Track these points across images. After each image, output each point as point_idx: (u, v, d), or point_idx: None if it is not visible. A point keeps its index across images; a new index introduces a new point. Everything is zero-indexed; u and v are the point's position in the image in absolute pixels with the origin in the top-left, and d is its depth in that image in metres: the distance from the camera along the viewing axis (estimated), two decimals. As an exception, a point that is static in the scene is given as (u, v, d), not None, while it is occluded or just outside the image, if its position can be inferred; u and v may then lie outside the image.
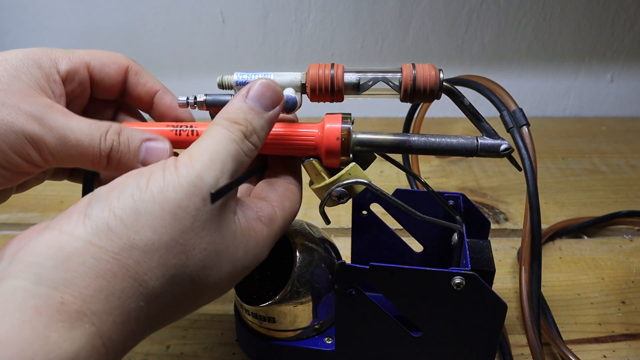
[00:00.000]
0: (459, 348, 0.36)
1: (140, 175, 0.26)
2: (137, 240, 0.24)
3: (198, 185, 0.25)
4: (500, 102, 0.35)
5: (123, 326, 0.24)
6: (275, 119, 0.31)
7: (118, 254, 0.24)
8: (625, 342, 0.45)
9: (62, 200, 0.67)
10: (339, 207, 0.35)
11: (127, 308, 0.24)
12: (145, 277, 0.24)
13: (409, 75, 0.32)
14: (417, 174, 0.42)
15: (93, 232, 0.24)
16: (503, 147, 0.32)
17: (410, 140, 0.33)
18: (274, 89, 0.30)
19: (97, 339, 0.23)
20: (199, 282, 0.26)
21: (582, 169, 0.74)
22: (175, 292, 0.26)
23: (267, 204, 0.31)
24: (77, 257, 0.23)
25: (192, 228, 0.25)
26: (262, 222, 0.30)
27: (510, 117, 0.34)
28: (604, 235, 0.59)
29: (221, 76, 0.33)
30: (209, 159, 0.26)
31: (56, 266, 0.23)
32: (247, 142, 0.28)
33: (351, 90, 0.33)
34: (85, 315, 0.22)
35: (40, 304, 0.22)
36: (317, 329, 0.39)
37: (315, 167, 0.33)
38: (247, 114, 0.29)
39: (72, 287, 0.22)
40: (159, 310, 0.25)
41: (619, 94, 0.92)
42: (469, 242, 0.37)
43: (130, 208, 0.24)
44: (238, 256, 0.28)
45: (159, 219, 0.24)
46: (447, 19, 0.85)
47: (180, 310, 0.27)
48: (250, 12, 0.84)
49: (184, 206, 0.25)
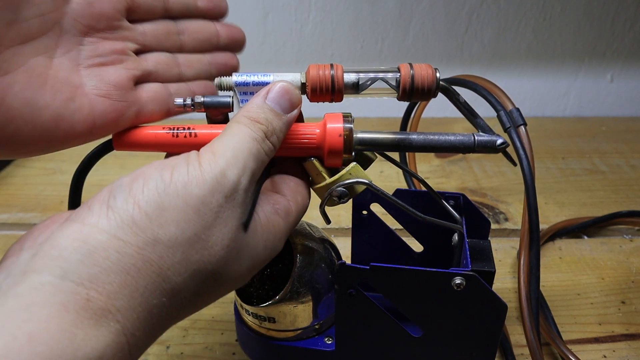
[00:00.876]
0: (459, 348, 0.36)
1: (163, 168, 0.26)
2: (161, 234, 0.24)
3: (221, 182, 0.26)
4: (497, 102, 0.35)
5: (145, 322, 0.24)
6: (293, 122, 0.31)
7: (142, 248, 0.24)
8: (625, 342, 0.45)
9: (62, 200, 0.67)
10: (339, 207, 0.35)
11: (150, 304, 0.24)
12: (169, 272, 0.24)
13: (407, 74, 0.32)
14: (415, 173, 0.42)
15: (117, 225, 0.23)
16: (499, 142, 0.33)
17: (410, 138, 0.33)
18: (294, 91, 0.30)
19: (122, 336, 0.23)
20: (219, 277, 0.27)
21: (582, 169, 0.74)
22: (196, 287, 0.26)
23: (282, 197, 0.31)
24: (102, 251, 0.23)
25: (214, 224, 0.25)
26: (279, 216, 0.30)
27: (507, 117, 0.34)
28: (604, 235, 0.59)
29: (219, 78, 0.33)
30: (232, 155, 0.26)
31: (81, 260, 0.22)
32: (268, 142, 0.29)
33: (350, 89, 0.33)
34: (110, 312, 0.22)
35: (66, 300, 0.21)
36: (317, 329, 0.39)
37: (316, 167, 0.33)
38: (267, 114, 0.29)
39: (97, 282, 0.22)
40: (180, 305, 0.26)
41: (619, 94, 0.92)
42: (469, 242, 0.37)
43: (155, 202, 0.24)
44: (258, 251, 0.28)
45: (182, 214, 0.24)
46: (447, 19, 0.85)
47: (199, 305, 0.27)
48: (250, 12, 0.84)
49: (207, 202, 0.25)
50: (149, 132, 0.32)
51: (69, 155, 0.33)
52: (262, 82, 0.32)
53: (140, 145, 0.32)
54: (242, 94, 0.32)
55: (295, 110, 0.31)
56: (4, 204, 0.67)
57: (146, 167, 0.26)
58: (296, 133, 0.32)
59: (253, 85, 0.32)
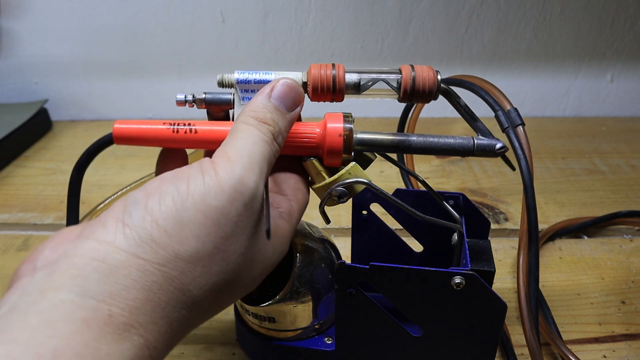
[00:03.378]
0: (459, 348, 0.36)
1: (178, 180, 0.25)
2: (181, 250, 0.24)
3: (240, 190, 0.25)
4: (495, 102, 0.35)
5: (166, 335, 0.24)
6: (295, 119, 0.31)
7: (164, 265, 0.23)
8: (625, 342, 0.45)
9: (62, 200, 0.67)
10: (339, 207, 0.35)
11: (171, 317, 0.24)
12: (190, 286, 0.24)
13: (409, 76, 0.32)
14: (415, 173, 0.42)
15: (136, 244, 0.23)
16: (498, 146, 0.33)
17: (410, 140, 0.33)
18: (297, 89, 0.30)
19: (145, 350, 0.23)
20: (233, 285, 0.26)
21: (582, 169, 0.74)
22: (214, 297, 0.26)
23: (284, 198, 0.31)
24: (122, 269, 0.23)
25: (233, 234, 0.25)
26: (283, 219, 0.30)
27: (505, 117, 0.34)
28: (604, 235, 0.59)
29: (221, 74, 0.32)
30: (249, 161, 0.26)
31: (100, 279, 0.22)
32: (275, 143, 0.28)
33: (351, 90, 0.33)
34: (133, 327, 0.22)
35: (88, 316, 0.21)
36: (317, 329, 0.39)
37: (316, 167, 0.33)
38: (273, 114, 0.29)
39: (119, 299, 0.22)
40: (197, 315, 0.26)
41: (619, 94, 0.92)
42: (469, 242, 0.37)
43: (173, 218, 0.24)
44: (267, 256, 0.28)
45: (202, 227, 0.24)
46: (447, 19, 0.85)
47: (214, 312, 0.27)
48: (250, 12, 0.84)
49: (226, 213, 0.25)
50: (149, 127, 0.31)
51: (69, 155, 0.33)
52: (263, 80, 0.32)
53: (140, 139, 0.31)
54: (244, 92, 0.32)
55: (298, 108, 0.30)
56: (4, 204, 0.67)
57: (160, 180, 0.25)
58: (297, 132, 0.32)
59: (255, 83, 0.32)
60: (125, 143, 0.32)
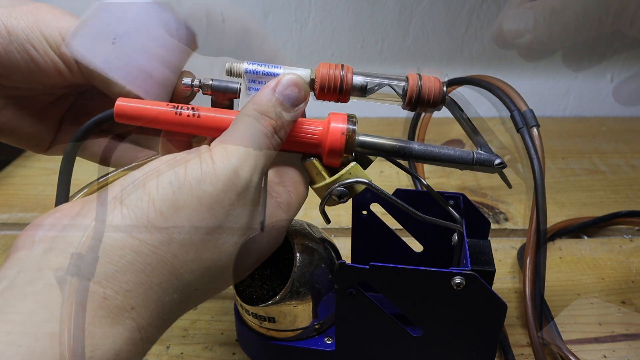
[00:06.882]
0: (459, 348, 0.36)
1: (176, 163, 0.26)
2: (175, 234, 0.24)
3: (234, 180, 0.26)
4: (512, 102, 0.35)
5: (158, 318, 0.24)
6: (299, 116, 0.31)
7: (158, 247, 0.24)
8: (625, 342, 0.45)
9: (62, 200, 0.67)
10: (339, 207, 0.35)
11: (162, 301, 0.24)
12: (181, 270, 0.25)
13: (415, 84, 0.33)
14: (418, 174, 0.42)
15: (132, 223, 0.24)
16: (497, 161, 0.33)
17: (411, 147, 0.33)
18: (302, 85, 0.30)
19: (137, 332, 0.23)
20: (227, 272, 0.27)
21: (582, 169, 0.74)
22: (206, 283, 0.26)
23: (284, 189, 0.32)
24: (117, 249, 0.23)
25: (226, 222, 0.26)
26: (281, 209, 0.30)
27: (520, 117, 0.35)
28: (604, 235, 0.59)
29: (230, 63, 0.32)
30: (245, 153, 0.27)
31: (96, 259, 0.23)
32: (276, 137, 0.29)
33: (357, 92, 0.33)
34: (126, 310, 0.23)
35: (83, 299, 0.22)
36: (317, 329, 0.39)
37: (316, 166, 0.33)
38: (277, 108, 0.29)
39: (114, 281, 0.23)
40: (189, 299, 0.26)
41: (619, 94, 0.92)
42: (469, 242, 0.37)
43: (169, 200, 0.24)
44: (262, 245, 0.29)
45: (196, 213, 0.25)
46: (447, 19, 0.85)
47: (206, 297, 0.28)
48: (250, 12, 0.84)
49: (220, 201, 0.25)
50: (152, 108, 0.31)
51: (69, 155, 0.33)
52: (272, 73, 0.32)
53: (141, 119, 0.31)
54: (251, 82, 0.32)
55: (303, 104, 0.31)
56: (4, 204, 0.67)
57: (158, 162, 0.26)
58: (300, 128, 0.32)
59: (263, 74, 0.32)
60: (125, 121, 0.31)
